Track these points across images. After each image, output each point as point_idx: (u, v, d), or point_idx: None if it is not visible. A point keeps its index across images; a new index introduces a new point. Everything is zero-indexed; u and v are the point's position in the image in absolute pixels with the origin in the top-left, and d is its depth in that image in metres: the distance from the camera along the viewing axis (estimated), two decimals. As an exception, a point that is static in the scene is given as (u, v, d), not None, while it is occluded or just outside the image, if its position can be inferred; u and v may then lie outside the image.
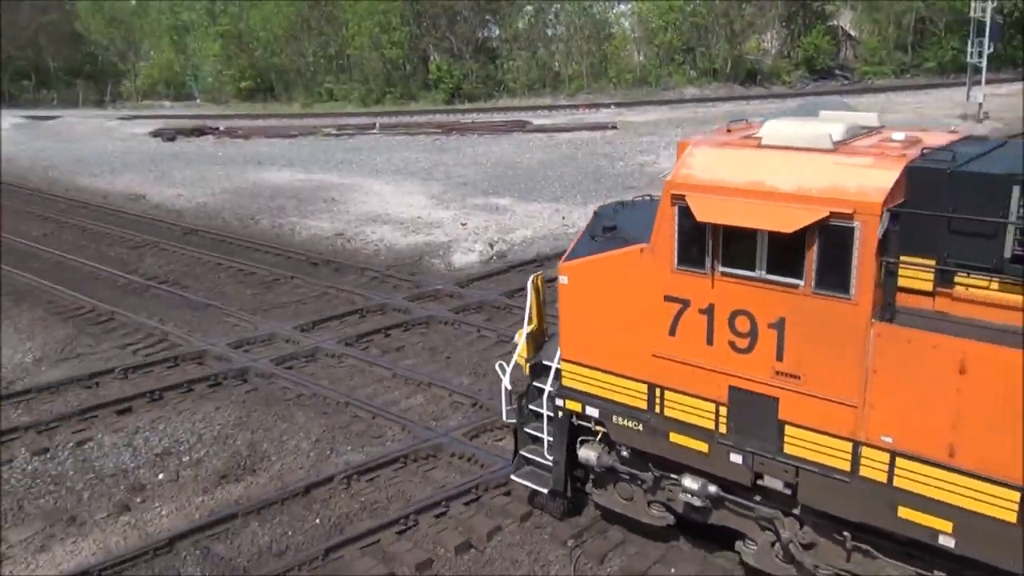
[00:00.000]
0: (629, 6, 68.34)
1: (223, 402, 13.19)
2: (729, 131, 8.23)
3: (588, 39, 65.22)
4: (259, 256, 21.57)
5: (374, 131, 47.52)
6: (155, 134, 49.51)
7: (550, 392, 9.14)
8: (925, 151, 6.94)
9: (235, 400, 13.27)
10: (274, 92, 69.72)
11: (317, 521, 10.11)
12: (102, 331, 16.48)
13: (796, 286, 7.03)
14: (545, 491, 9.55)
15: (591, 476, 9.47)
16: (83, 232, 24.99)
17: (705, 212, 7.28)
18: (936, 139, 7.49)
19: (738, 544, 8.57)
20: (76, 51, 77.26)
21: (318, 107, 64.39)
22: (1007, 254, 6.35)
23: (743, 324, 7.46)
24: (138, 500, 10.71)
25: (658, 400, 8.22)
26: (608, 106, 54.11)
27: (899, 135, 7.52)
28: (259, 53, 68.98)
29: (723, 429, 7.80)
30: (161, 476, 11.25)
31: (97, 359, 15.15)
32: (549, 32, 67.79)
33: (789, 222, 6.81)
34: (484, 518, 9.96)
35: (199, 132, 50.02)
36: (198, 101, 72.93)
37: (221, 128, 51.35)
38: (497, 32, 68.04)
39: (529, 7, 68.02)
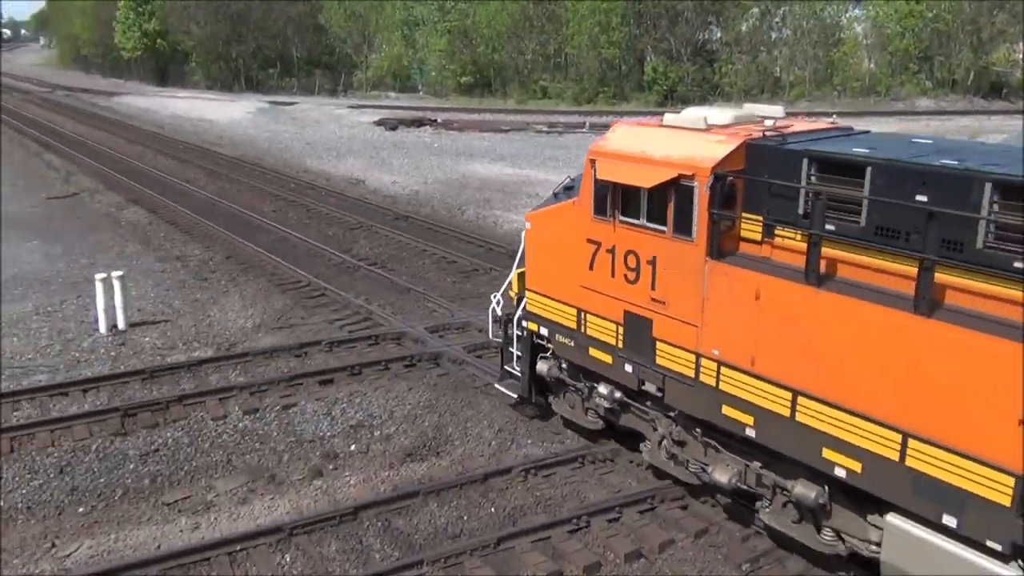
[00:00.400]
0: (863, 11, 64.57)
1: (416, 383, 13.74)
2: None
3: (815, 44, 62.26)
4: (462, 245, 22.27)
5: (584, 130, 47.81)
6: (379, 123, 52.31)
7: (518, 316, 11.63)
8: (767, 133, 8.88)
9: (427, 382, 13.78)
10: (491, 87, 71.73)
11: (492, 509, 10.30)
12: (314, 305, 17.63)
13: (663, 231, 9.16)
14: (516, 396, 12.06)
15: (551, 387, 11.70)
16: (307, 211, 26.84)
17: (603, 172, 9.66)
18: (802, 126, 9.42)
19: (640, 446, 10.71)
20: (317, 43, 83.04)
21: (532, 104, 65.60)
22: (800, 211, 8.18)
23: (632, 261, 9.63)
24: (330, 467, 11.37)
25: (583, 322, 10.51)
26: (829, 115, 51.38)
27: (772, 121, 9.42)
28: (481, 49, 71.18)
29: (620, 344, 10.01)
30: (353, 447, 11.88)
31: (307, 330, 16.23)
32: (773, 36, 65.34)
33: (651, 180, 9.00)
34: (658, 529, 9.78)
35: (418, 123, 52.35)
36: (421, 93, 76.33)
37: (439, 120, 53.50)
38: (718, 34, 66.43)
39: (755, 9, 65.82)
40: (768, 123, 9.37)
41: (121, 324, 16.16)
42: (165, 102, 66.70)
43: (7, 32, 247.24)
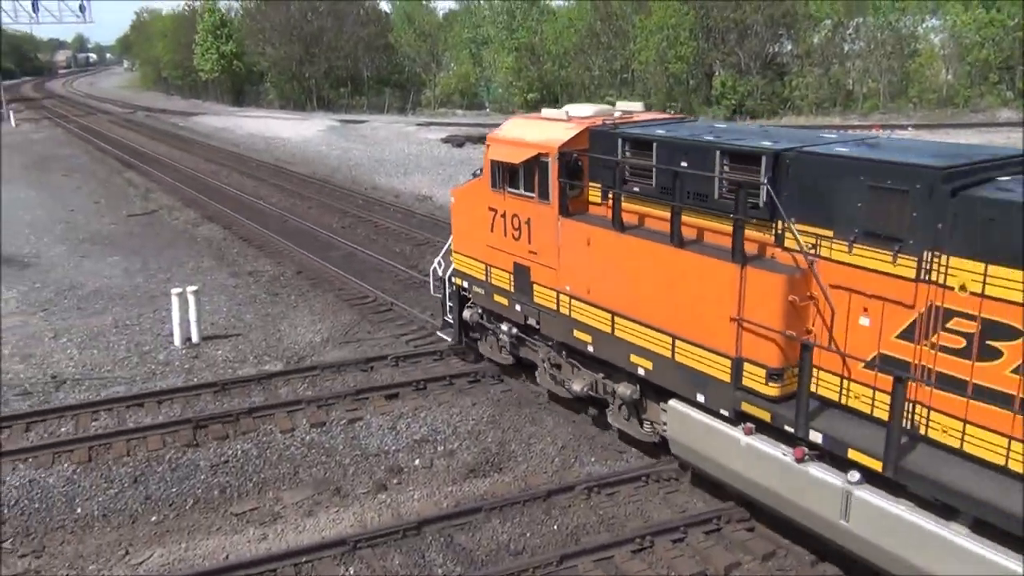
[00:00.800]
0: (941, 20, 62.88)
1: (479, 398, 13.77)
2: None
3: (889, 55, 60.81)
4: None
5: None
6: (446, 140, 52.82)
7: (448, 274, 14.58)
8: (606, 121, 11.58)
9: (491, 398, 13.80)
10: (558, 104, 71.92)
11: (555, 527, 10.24)
12: (381, 319, 17.85)
13: (532, 197, 11.93)
14: (450, 341, 15.11)
15: (476, 331, 14.66)
16: (375, 227, 27.22)
17: (494, 154, 12.62)
18: (643, 116, 12.16)
19: (536, 374, 13.31)
20: (387, 62, 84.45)
21: (599, 119, 65.43)
22: (618, 178, 10.72)
23: (516, 222, 12.43)
24: (395, 481, 11.46)
25: (489, 274, 13.35)
26: (904, 127, 50.12)
27: (619, 113, 12.19)
28: (548, 66, 71.44)
29: (512, 289, 12.81)
30: (417, 462, 11.95)
31: (374, 345, 16.43)
32: (846, 48, 64.04)
33: (520, 157, 11.86)
34: (723, 551, 9.59)
35: (485, 140, 52.59)
36: (488, 111, 76.87)
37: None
38: (789, 47, 65.40)
39: (827, 20, 64.64)
40: (616, 114, 12.09)
41: (195, 337, 16.60)
42: (240, 121, 68.56)
43: (93, 56, 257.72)
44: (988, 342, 7.37)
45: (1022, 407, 7.14)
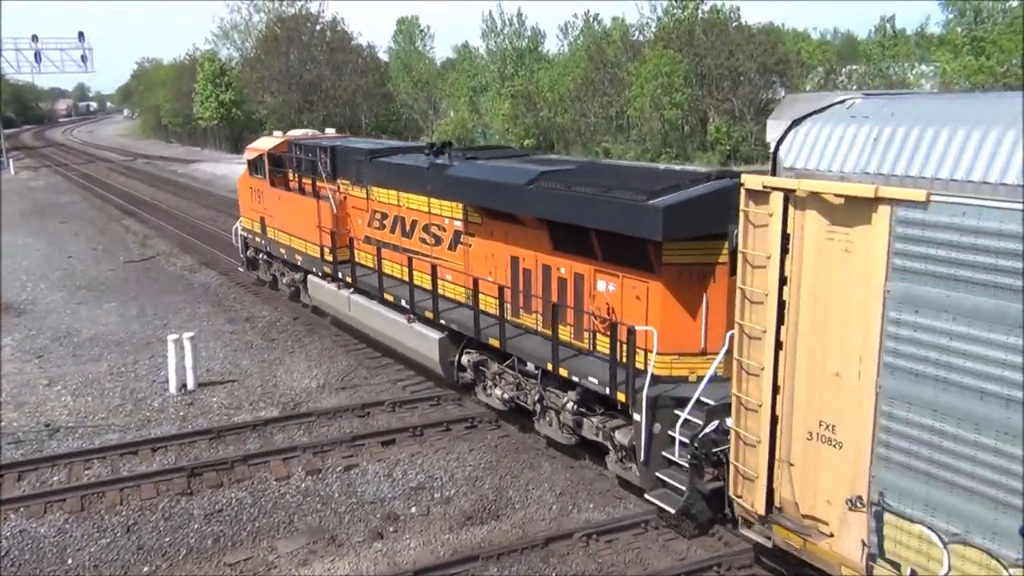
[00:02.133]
0: (932, 67, 63.81)
1: (477, 444, 13.66)
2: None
3: (882, 101, 61.61)
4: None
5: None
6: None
7: (240, 230, 24.40)
8: (298, 138, 21.29)
9: (488, 444, 13.69)
10: (554, 149, 72.50)
11: (553, 575, 10.09)
12: (377, 365, 17.78)
13: (263, 179, 21.60)
14: (242, 269, 25.02)
15: (259, 266, 24.27)
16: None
17: (247, 155, 23.04)
18: (319, 136, 22.35)
19: (280, 286, 23.43)
20: (385, 109, 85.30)
21: (595, 165, 65.94)
22: (294, 167, 20.67)
23: (258, 194, 22.17)
24: (391, 529, 11.32)
25: (263, 228, 22.11)
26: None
27: (310, 133, 23.05)
28: (544, 113, 72.21)
29: (261, 231, 22.48)
30: (414, 509, 11.82)
31: (370, 390, 16.35)
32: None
33: (253, 156, 22.35)
34: (724, 600, 9.43)
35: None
36: (486, 156, 77.45)
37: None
38: (783, 94, 66.24)
39: (820, 68, 65.60)
40: (309, 134, 22.65)
41: (191, 384, 16.51)
42: (239, 168, 68.66)
43: (94, 104, 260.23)
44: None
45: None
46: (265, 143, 22.19)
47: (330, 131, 24.28)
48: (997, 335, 6.55)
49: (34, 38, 77.37)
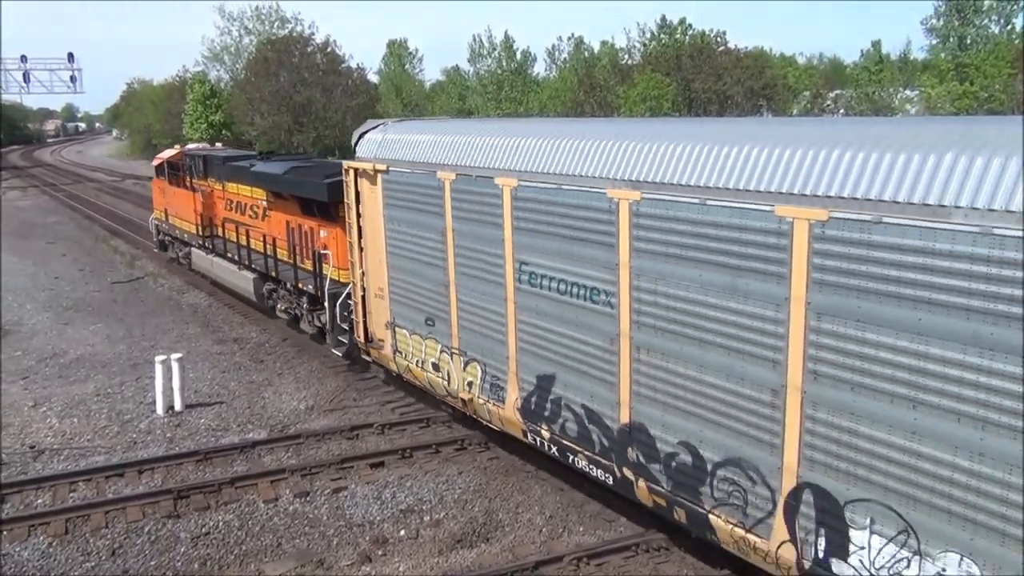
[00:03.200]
0: (916, 92, 64.54)
1: (466, 466, 13.60)
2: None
3: (869, 125, 62.22)
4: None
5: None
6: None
7: (153, 220, 33.05)
8: (187, 149, 29.24)
9: (477, 466, 13.63)
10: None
11: (543, 599, 10.01)
12: (367, 387, 17.70)
13: (164, 179, 29.51)
14: (155, 248, 33.35)
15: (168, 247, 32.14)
16: (362, 294, 27.17)
17: (154, 162, 31.48)
18: (209, 148, 31.20)
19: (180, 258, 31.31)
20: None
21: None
22: (190, 170, 26.98)
23: (161, 192, 30.40)
24: (379, 552, 11.22)
25: (167, 216, 30.25)
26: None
27: (194, 145, 33.48)
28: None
29: (166, 219, 30.56)
30: (402, 532, 11.73)
31: (359, 412, 16.26)
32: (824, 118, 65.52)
33: (158, 162, 30.73)
34: (715, 623, 9.37)
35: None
36: (475, 178, 77.63)
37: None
38: (769, 116, 66.83)
39: (807, 92, 66.25)
40: (200, 147, 31.71)
41: (178, 406, 16.40)
42: (228, 189, 68.84)
43: (82, 125, 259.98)
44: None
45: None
46: (167, 154, 30.19)
47: (219, 145, 35.33)
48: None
49: (23, 58, 77.36)
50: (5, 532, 11.69)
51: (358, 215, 15.02)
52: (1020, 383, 6.29)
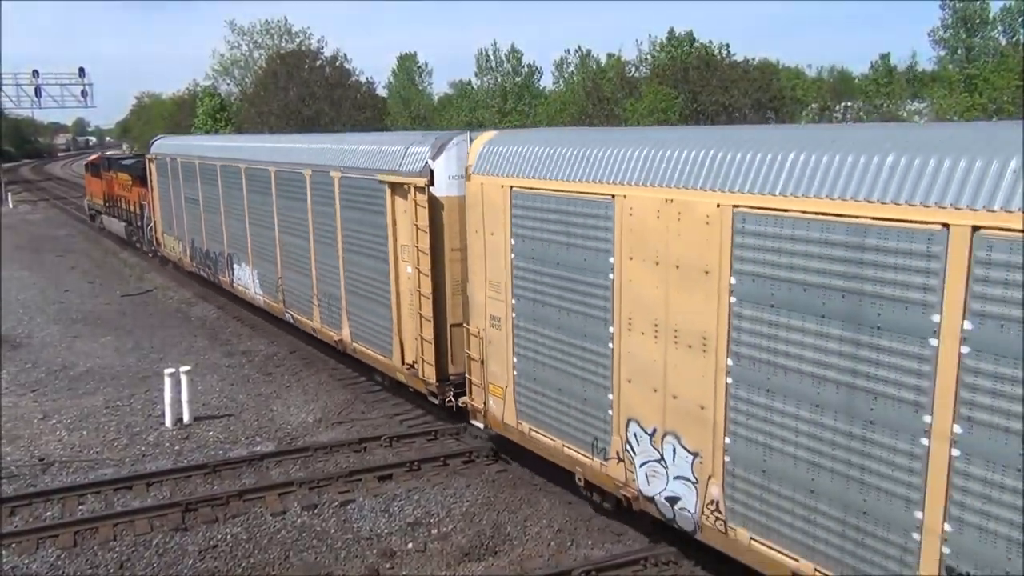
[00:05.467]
0: (925, 104, 64.43)
1: (474, 479, 13.57)
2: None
3: (877, 136, 62.10)
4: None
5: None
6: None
7: (88, 205, 49.87)
8: (105, 154, 52.95)
9: (486, 479, 13.60)
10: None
11: (551, 613, 9.96)
12: (375, 399, 17.70)
13: (94, 175, 46.09)
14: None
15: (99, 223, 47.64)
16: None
17: (87, 163, 49.08)
18: (113, 154, 59.13)
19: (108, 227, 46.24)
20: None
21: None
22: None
23: (89, 183, 48.35)
24: (387, 566, 11.19)
25: (91, 198, 48.03)
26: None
27: (112, 152, 72.04)
28: (541, 148, 72.67)
29: (104, 203, 44.06)
30: (410, 545, 11.70)
31: (367, 425, 16.26)
32: (833, 130, 65.44)
33: (89, 161, 50.46)
34: (725, 638, 9.32)
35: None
36: (482, 191, 77.70)
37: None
38: (777, 129, 66.80)
39: (814, 105, 66.20)
40: (123, 151, 71.67)
41: (187, 418, 16.42)
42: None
43: (93, 139, 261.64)
44: None
45: None
46: (91, 157, 40.77)
47: (125, 147, 46.85)
48: None
49: (35, 73, 77.88)
50: (14, 545, 11.70)
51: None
52: None
